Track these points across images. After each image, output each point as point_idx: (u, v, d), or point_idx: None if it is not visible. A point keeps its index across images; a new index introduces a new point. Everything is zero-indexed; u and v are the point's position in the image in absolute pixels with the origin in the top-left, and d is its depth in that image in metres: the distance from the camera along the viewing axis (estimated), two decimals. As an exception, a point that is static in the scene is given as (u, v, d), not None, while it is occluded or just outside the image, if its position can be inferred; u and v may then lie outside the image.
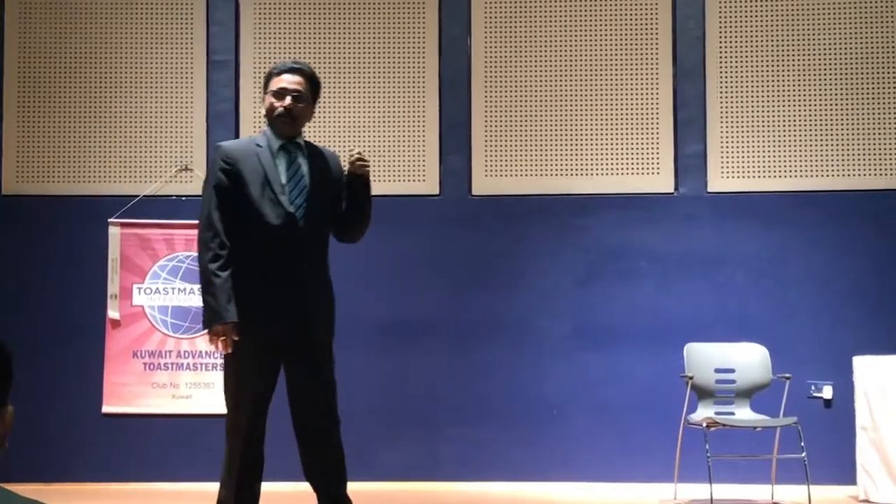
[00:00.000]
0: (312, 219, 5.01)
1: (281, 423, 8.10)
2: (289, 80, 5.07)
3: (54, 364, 8.06)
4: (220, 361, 8.16)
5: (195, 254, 8.21)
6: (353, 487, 7.95)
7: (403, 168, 8.37)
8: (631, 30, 8.39)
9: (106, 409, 8.22)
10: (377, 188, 8.32)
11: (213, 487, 8.01)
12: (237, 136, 8.42)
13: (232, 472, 5.10)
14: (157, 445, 8.20)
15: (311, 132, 8.39)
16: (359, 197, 5.19)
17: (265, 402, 5.11)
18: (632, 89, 8.36)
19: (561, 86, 8.41)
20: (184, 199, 8.42)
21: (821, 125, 8.23)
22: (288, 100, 5.04)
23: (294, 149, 5.10)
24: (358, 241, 5.43)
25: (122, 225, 8.31)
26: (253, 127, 8.43)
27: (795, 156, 8.25)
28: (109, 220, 8.30)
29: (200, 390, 8.24)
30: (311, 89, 5.15)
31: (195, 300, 8.26)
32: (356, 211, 5.23)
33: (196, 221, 7.86)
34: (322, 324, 5.11)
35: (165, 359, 8.26)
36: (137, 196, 8.35)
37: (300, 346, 5.03)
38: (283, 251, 4.94)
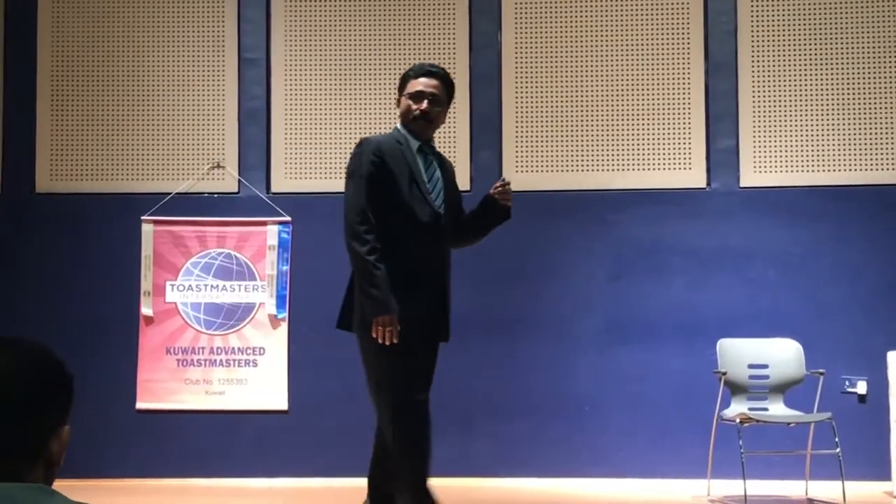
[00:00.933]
0: (448, 217, 5.11)
1: (303, 424, 8.13)
2: (426, 84, 5.14)
3: (88, 361, 8.09)
4: (253, 358, 8.22)
5: (227, 251, 8.32)
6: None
7: (435, 164, 8.37)
8: (663, 24, 8.36)
9: (140, 405, 8.26)
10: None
11: (247, 483, 8.08)
12: (269, 133, 8.45)
13: (416, 455, 4.97)
14: (190, 441, 8.24)
15: (340, 129, 8.41)
16: (490, 223, 5.28)
17: (426, 391, 5.05)
18: (663, 84, 8.34)
19: (592, 81, 8.39)
20: (216, 196, 8.45)
21: (853, 119, 8.18)
22: (425, 103, 5.11)
23: (429, 151, 5.19)
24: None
25: (155, 222, 8.35)
26: (284, 125, 8.45)
27: (828, 150, 8.20)
28: (142, 217, 8.34)
29: (233, 386, 8.27)
30: (447, 93, 5.22)
31: (228, 297, 8.30)
32: (478, 231, 5.34)
33: (226, 218, 7.88)
34: (448, 325, 5.16)
35: (198, 355, 8.30)
36: (170, 193, 8.38)
37: (430, 345, 5.10)
38: (429, 249, 5.02)
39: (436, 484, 4.86)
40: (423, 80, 5.15)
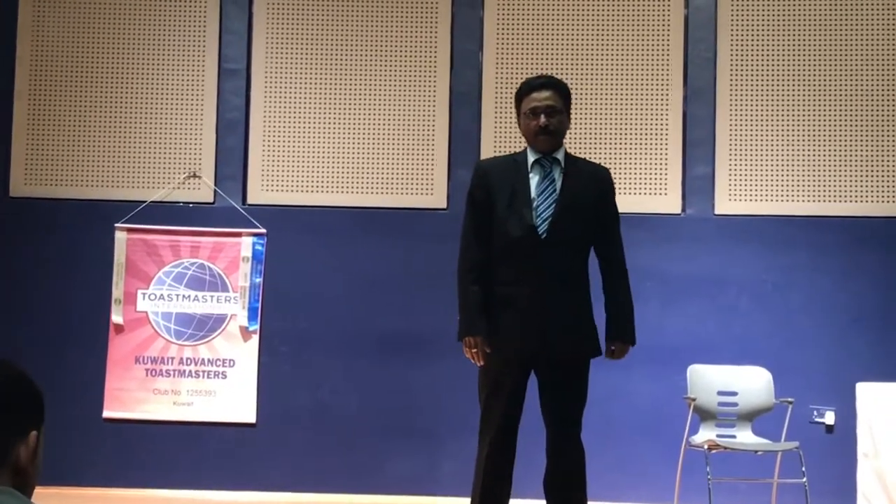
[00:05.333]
0: (560, 230, 5.10)
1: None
2: (538, 98, 5.21)
3: (56, 367, 8.05)
4: (223, 370, 8.19)
5: (201, 261, 8.29)
6: (353, 500, 7.97)
7: (412, 181, 8.37)
8: (642, 50, 8.39)
9: (107, 413, 8.21)
10: (385, 200, 8.36)
11: (213, 496, 8.04)
12: (246, 144, 8.44)
13: (477, 484, 5.33)
14: (157, 452, 8.19)
15: (318, 143, 8.40)
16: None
17: (510, 415, 5.27)
18: (641, 110, 8.36)
19: (572, 103, 8.38)
20: (191, 205, 8.42)
21: (829, 150, 8.23)
22: (542, 118, 5.17)
23: (549, 163, 5.23)
24: None
25: (129, 230, 8.32)
26: (263, 137, 8.43)
27: (803, 180, 8.24)
28: (116, 224, 8.31)
29: (201, 398, 8.23)
30: (563, 100, 5.29)
31: (199, 307, 8.26)
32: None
33: (204, 228, 7.86)
34: (570, 338, 5.20)
35: (167, 365, 8.26)
36: (145, 202, 8.35)
37: (547, 360, 5.16)
38: (526, 263, 5.08)
39: (403, 502, 4.89)
40: (535, 94, 5.22)
